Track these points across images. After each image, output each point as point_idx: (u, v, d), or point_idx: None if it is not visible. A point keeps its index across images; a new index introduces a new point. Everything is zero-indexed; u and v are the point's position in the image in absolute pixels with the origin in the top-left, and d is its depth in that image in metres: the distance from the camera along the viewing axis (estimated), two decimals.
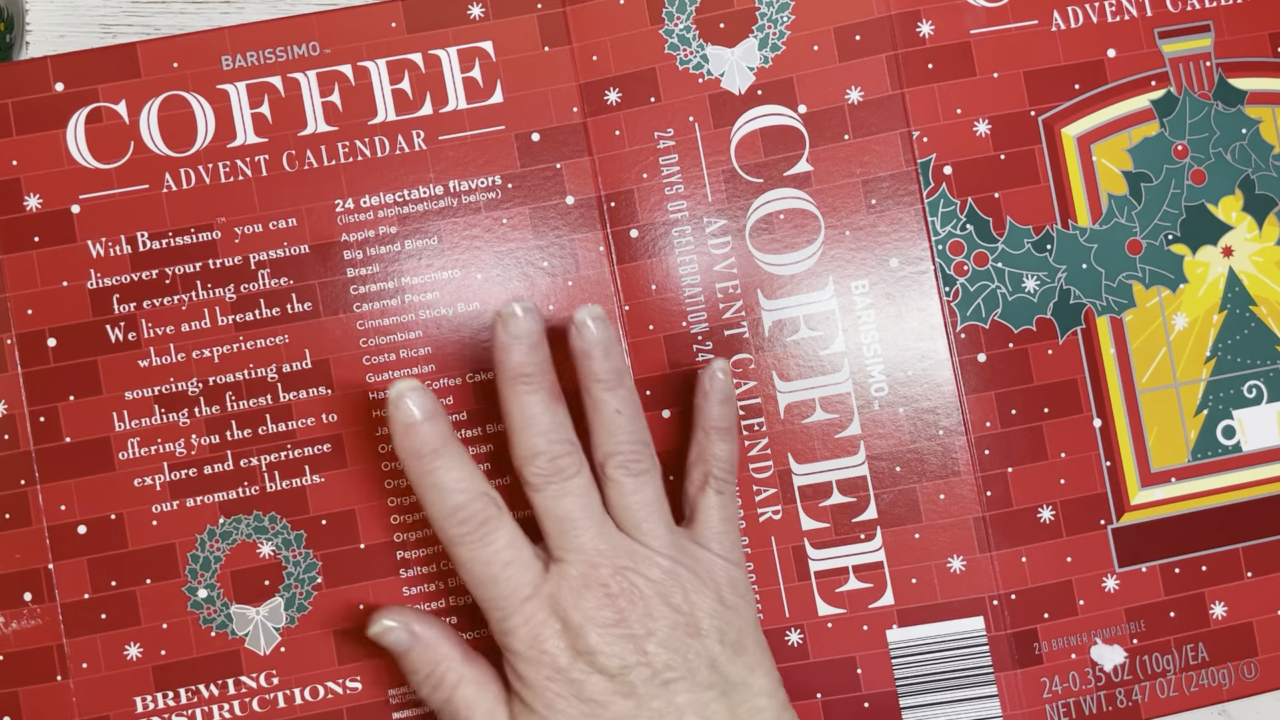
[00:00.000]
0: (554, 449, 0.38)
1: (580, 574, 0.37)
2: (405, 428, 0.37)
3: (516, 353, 0.38)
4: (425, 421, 0.37)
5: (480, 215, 0.43)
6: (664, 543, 0.38)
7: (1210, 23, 0.44)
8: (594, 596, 0.37)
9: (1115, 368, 0.43)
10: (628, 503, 0.38)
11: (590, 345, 0.38)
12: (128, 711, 0.41)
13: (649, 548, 0.38)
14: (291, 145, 0.42)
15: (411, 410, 0.37)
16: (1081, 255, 0.43)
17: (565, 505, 0.38)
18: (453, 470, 0.37)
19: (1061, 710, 0.42)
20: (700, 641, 0.37)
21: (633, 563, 0.38)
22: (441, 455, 0.37)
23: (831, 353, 0.43)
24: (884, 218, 0.43)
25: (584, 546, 0.37)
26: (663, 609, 0.37)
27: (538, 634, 0.37)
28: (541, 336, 0.38)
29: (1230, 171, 0.43)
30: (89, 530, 0.41)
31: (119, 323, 0.42)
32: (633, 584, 0.37)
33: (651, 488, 0.39)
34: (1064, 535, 0.42)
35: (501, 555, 0.37)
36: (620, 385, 0.39)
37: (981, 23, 0.43)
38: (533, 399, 0.38)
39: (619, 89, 0.43)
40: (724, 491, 0.40)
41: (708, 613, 0.38)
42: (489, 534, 0.37)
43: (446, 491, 0.37)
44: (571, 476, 0.38)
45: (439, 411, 0.38)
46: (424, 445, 0.37)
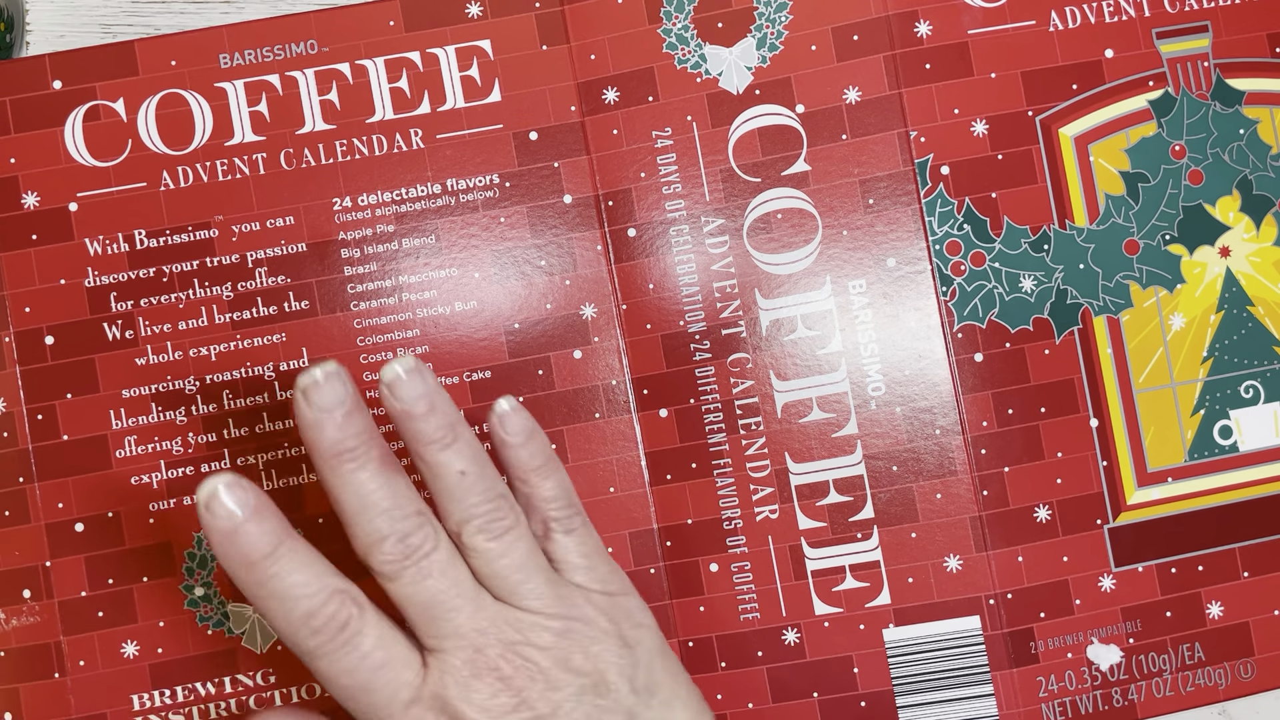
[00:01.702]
0: (400, 527, 0.32)
1: (465, 662, 0.33)
2: (227, 535, 0.31)
3: (329, 429, 0.32)
4: (250, 521, 0.31)
5: (478, 214, 0.43)
6: (548, 601, 0.34)
7: (1208, 23, 0.44)
8: (485, 685, 0.32)
9: (1112, 368, 0.43)
10: (497, 569, 0.34)
11: (409, 403, 0.33)
12: (125, 709, 0.41)
13: (533, 611, 0.34)
14: (289, 144, 0.42)
15: (232, 510, 0.31)
16: (1079, 255, 0.43)
17: (429, 588, 0.33)
18: (295, 571, 0.32)
19: (1058, 709, 0.42)
20: (611, 698, 0.34)
21: (520, 634, 0.33)
22: (279, 558, 0.32)
23: (829, 352, 0.43)
24: (881, 217, 0.43)
25: (461, 630, 0.33)
26: (565, 676, 0.33)
27: None
28: (356, 400, 0.32)
29: (1228, 172, 0.43)
30: (86, 528, 0.41)
31: (116, 321, 0.42)
32: (526, 658, 0.33)
33: (522, 545, 0.34)
34: (1060, 535, 0.42)
35: (371, 659, 0.32)
36: (456, 439, 0.34)
37: (979, 23, 0.43)
38: (362, 475, 0.32)
39: (617, 88, 0.43)
40: (573, 529, 0.36)
41: (612, 663, 0.34)
42: (351, 637, 0.32)
43: (292, 599, 0.32)
44: (428, 553, 0.33)
45: (264, 503, 0.32)
46: (254, 549, 0.31)
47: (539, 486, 0.36)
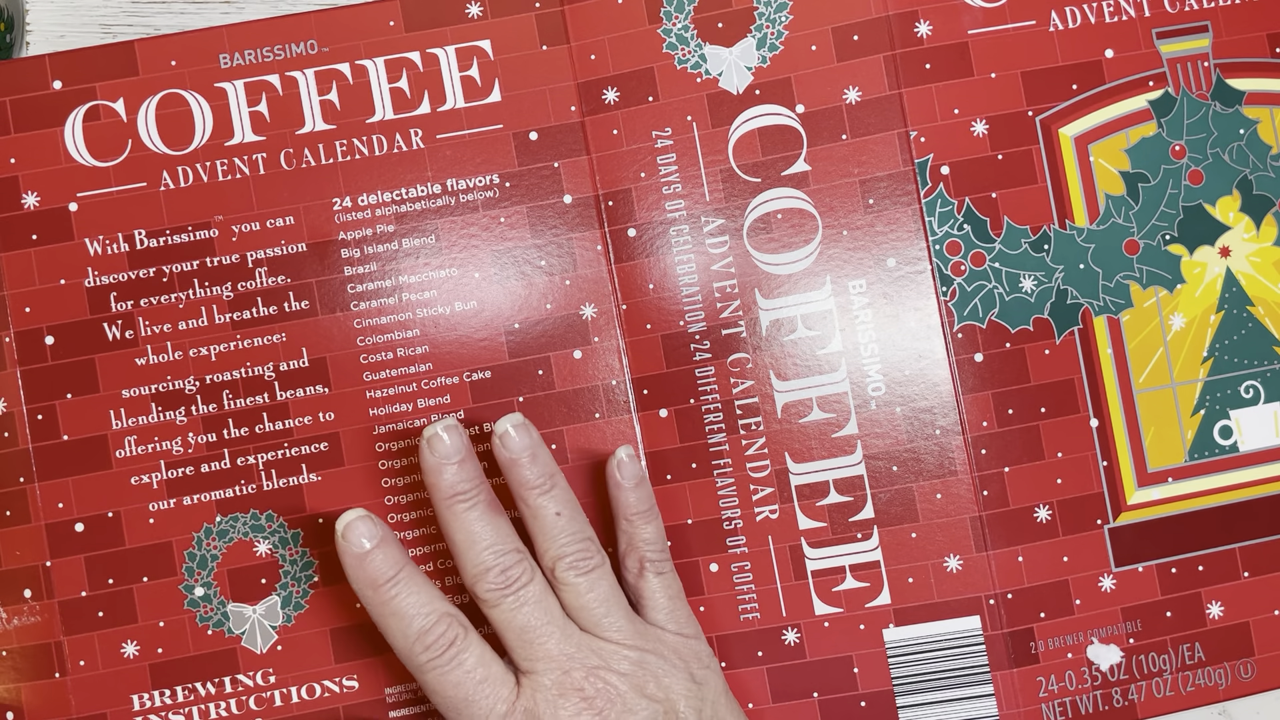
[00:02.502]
0: (503, 561, 0.38)
1: (554, 682, 0.37)
2: (358, 559, 0.37)
3: (448, 474, 0.38)
4: (377, 549, 0.37)
5: (478, 214, 0.43)
6: (627, 634, 0.38)
7: (1208, 23, 0.44)
8: (571, 704, 0.37)
9: (1112, 368, 0.43)
10: (584, 602, 0.38)
11: (517, 454, 0.39)
12: (125, 709, 0.41)
13: (614, 642, 0.38)
14: (289, 144, 0.42)
15: (361, 541, 0.37)
16: (1079, 255, 0.43)
17: (524, 615, 0.38)
18: (412, 594, 0.37)
19: (1058, 709, 0.42)
20: None
21: (602, 660, 0.38)
22: (399, 582, 0.37)
23: (829, 352, 0.43)
24: (881, 217, 0.43)
25: (551, 654, 0.37)
26: (640, 701, 0.37)
27: None
28: (469, 451, 0.38)
29: (1228, 172, 0.43)
30: (86, 528, 0.41)
31: (116, 321, 0.42)
32: (606, 682, 0.37)
33: (605, 582, 0.39)
34: (1060, 535, 0.42)
35: (473, 675, 0.37)
36: (554, 486, 0.39)
37: (979, 23, 0.43)
38: (472, 514, 0.38)
39: (617, 88, 0.43)
40: (663, 571, 0.40)
41: (682, 694, 0.38)
42: (457, 654, 0.37)
43: (409, 618, 0.37)
44: (525, 585, 0.38)
45: (389, 535, 0.38)
46: (379, 574, 0.37)
47: (641, 529, 0.40)
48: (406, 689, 0.42)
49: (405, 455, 0.42)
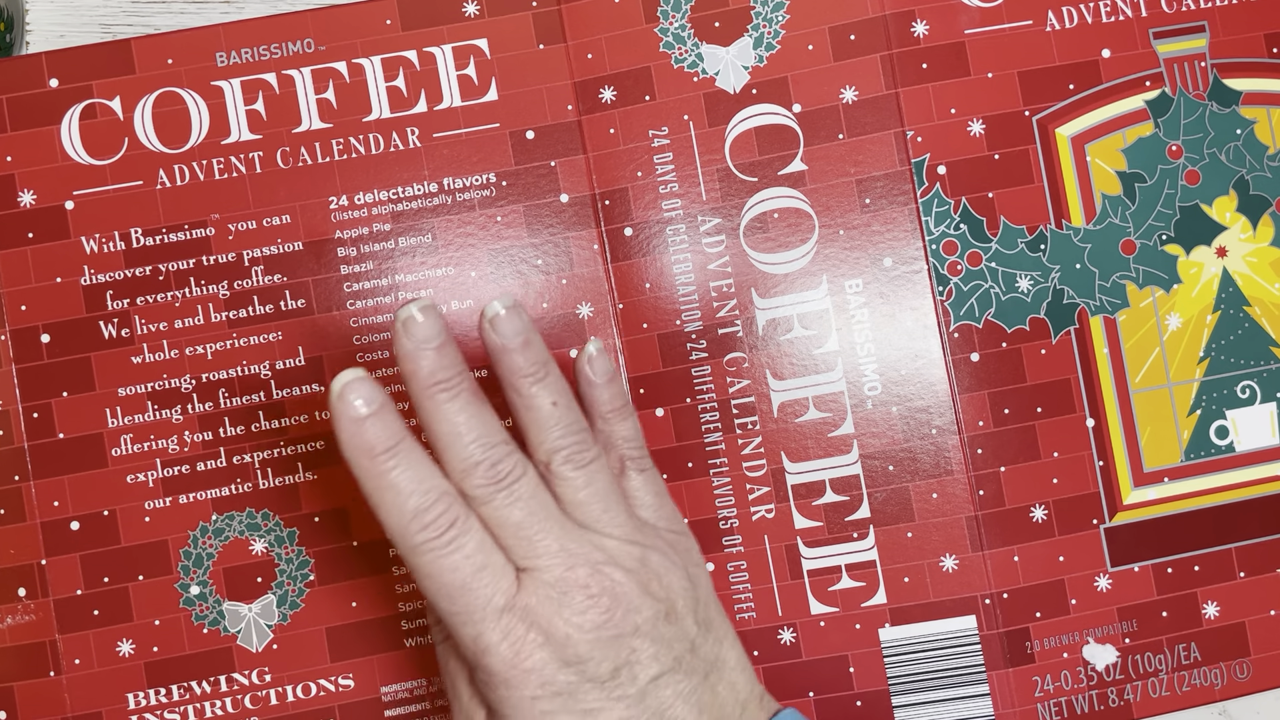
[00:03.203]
0: (492, 454, 0.34)
1: (556, 579, 0.34)
2: (354, 424, 0.33)
3: (426, 360, 0.34)
4: (375, 415, 0.33)
5: (474, 213, 0.43)
6: (628, 530, 0.36)
7: (1205, 23, 0.44)
8: (575, 601, 0.34)
9: (1109, 367, 0.43)
10: (582, 497, 0.36)
11: (508, 339, 0.35)
12: (120, 708, 0.41)
13: (615, 538, 0.36)
14: (285, 142, 0.42)
15: (357, 404, 0.33)
16: (1075, 255, 0.43)
17: (519, 511, 0.34)
18: (411, 468, 0.33)
19: (1053, 709, 0.42)
20: (678, 625, 0.35)
21: (607, 556, 0.35)
22: (398, 453, 0.33)
23: (825, 351, 0.43)
24: (878, 217, 0.43)
25: (552, 549, 0.34)
26: (643, 599, 0.35)
27: (519, 650, 0.34)
28: (448, 335, 0.34)
29: (1225, 172, 0.43)
30: (82, 526, 0.41)
31: (112, 319, 0.42)
32: (612, 580, 0.35)
33: (603, 476, 0.36)
34: (1056, 534, 0.42)
35: (472, 560, 0.34)
36: (548, 374, 0.36)
37: (976, 23, 0.43)
38: (455, 405, 0.34)
39: (614, 87, 0.43)
40: (645, 468, 0.38)
41: (680, 593, 0.36)
42: (456, 537, 0.34)
43: (405, 494, 0.33)
44: (517, 479, 0.35)
45: (388, 403, 0.34)
46: (377, 442, 0.33)
47: (618, 426, 0.38)
48: (402, 688, 0.42)
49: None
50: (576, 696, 0.34)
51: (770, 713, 0.36)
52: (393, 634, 0.42)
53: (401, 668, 0.42)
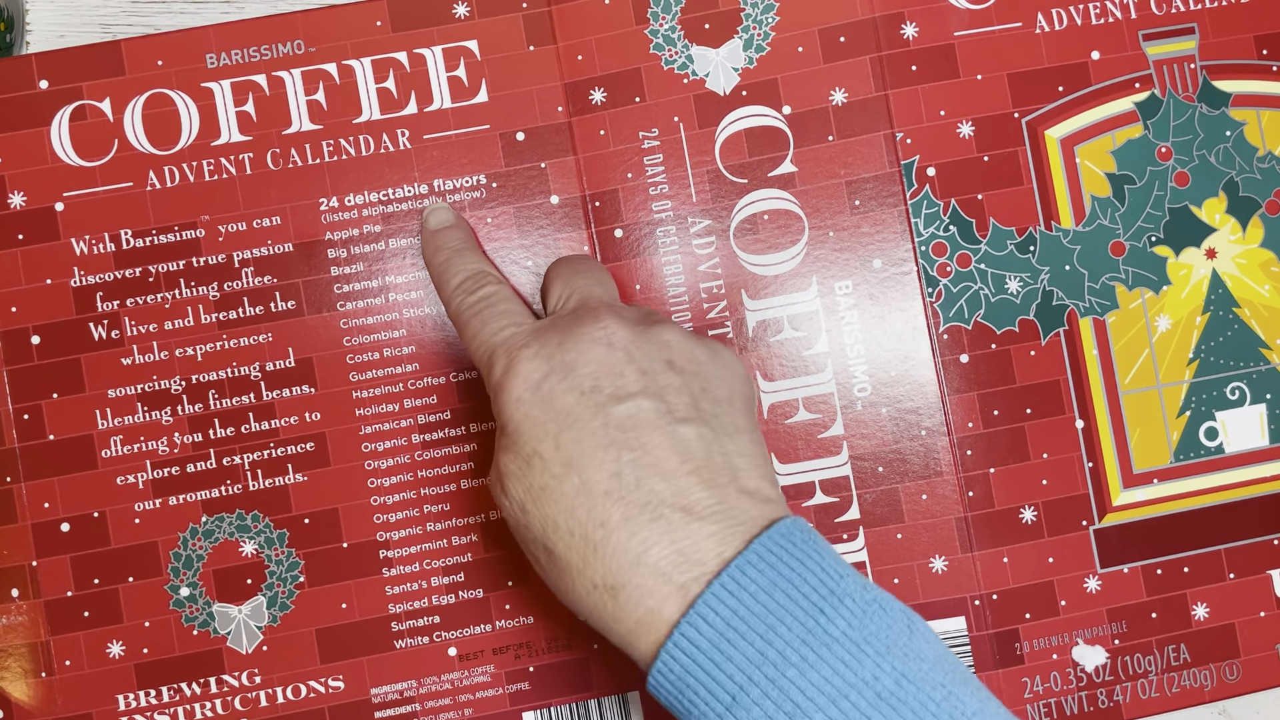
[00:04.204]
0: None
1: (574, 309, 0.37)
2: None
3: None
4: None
5: (465, 214, 0.43)
6: None
7: (1195, 25, 0.44)
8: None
9: (1098, 369, 0.43)
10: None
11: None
12: (110, 709, 0.41)
13: None
14: (275, 144, 0.42)
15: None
16: (1064, 257, 0.43)
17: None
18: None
19: (1043, 710, 0.42)
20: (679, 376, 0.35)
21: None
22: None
23: (815, 353, 0.43)
24: (867, 219, 0.43)
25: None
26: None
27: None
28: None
29: (1214, 174, 0.44)
30: (72, 528, 0.41)
31: (102, 320, 0.42)
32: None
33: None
34: (1046, 536, 0.42)
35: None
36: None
37: (965, 25, 0.43)
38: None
39: (604, 89, 0.43)
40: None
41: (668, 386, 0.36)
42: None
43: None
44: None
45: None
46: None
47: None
48: (392, 689, 0.42)
49: (391, 455, 0.42)
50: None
51: (770, 519, 0.33)
52: (383, 635, 0.42)
53: (392, 669, 0.42)
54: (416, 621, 0.42)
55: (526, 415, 0.34)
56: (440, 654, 0.42)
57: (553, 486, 0.33)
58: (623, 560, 0.32)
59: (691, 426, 0.34)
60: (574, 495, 0.33)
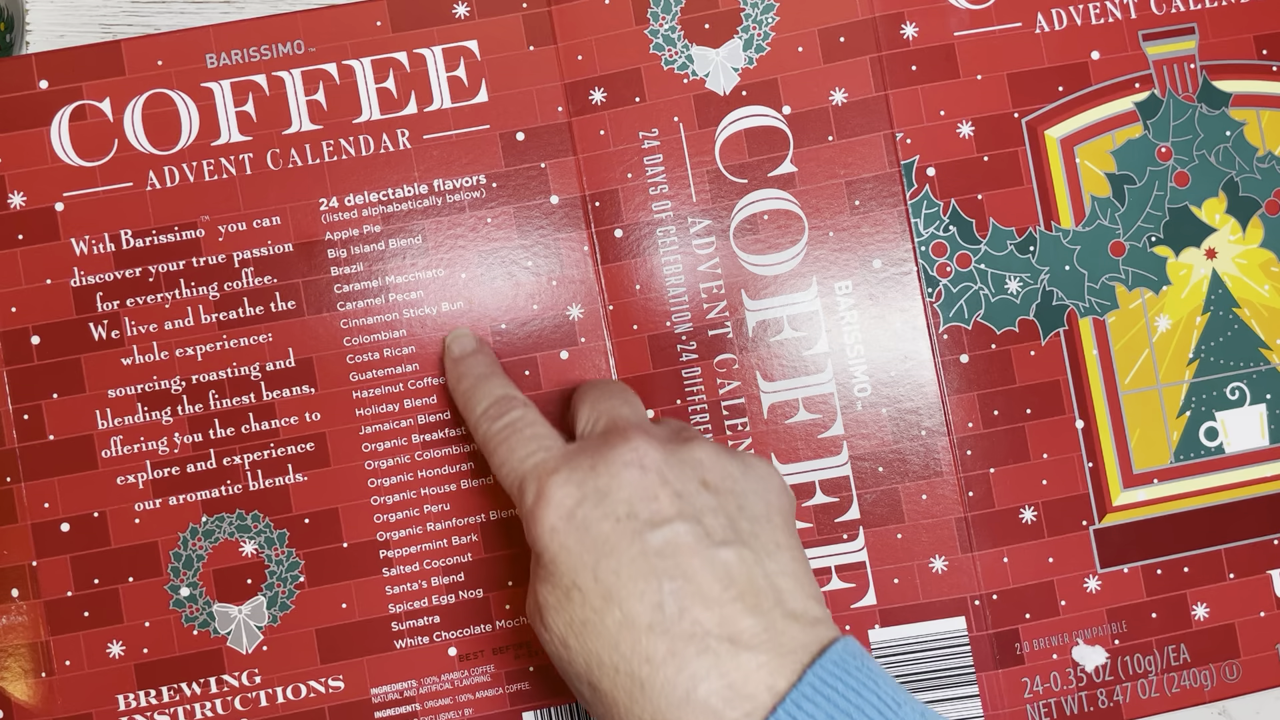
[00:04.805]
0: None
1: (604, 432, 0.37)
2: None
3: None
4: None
5: (465, 214, 0.43)
6: None
7: (1194, 25, 0.44)
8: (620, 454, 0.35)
9: (1098, 369, 0.43)
10: None
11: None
12: (110, 709, 0.41)
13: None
14: (275, 144, 0.42)
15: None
16: (1064, 257, 0.43)
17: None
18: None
19: (1043, 710, 0.42)
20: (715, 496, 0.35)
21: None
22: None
23: (815, 353, 0.43)
24: (867, 219, 0.43)
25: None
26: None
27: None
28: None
29: (1214, 174, 0.44)
30: (72, 528, 0.41)
31: (102, 321, 0.42)
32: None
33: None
34: (1046, 536, 0.42)
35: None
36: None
37: (965, 25, 0.43)
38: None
39: (604, 89, 0.43)
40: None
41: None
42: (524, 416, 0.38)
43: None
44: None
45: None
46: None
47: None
48: (393, 689, 0.42)
49: (392, 455, 0.42)
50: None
51: (820, 643, 0.32)
52: (383, 635, 0.42)
53: (392, 669, 0.42)
54: (416, 621, 0.42)
55: (562, 546, 0.33)
56: (440, 654, 0.42)
57: (594, 621, 0.32)
58: (671, 698, 0.31)
59: (731, 549, 0.33)
60: (617, 630, 0.32)
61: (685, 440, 0.36)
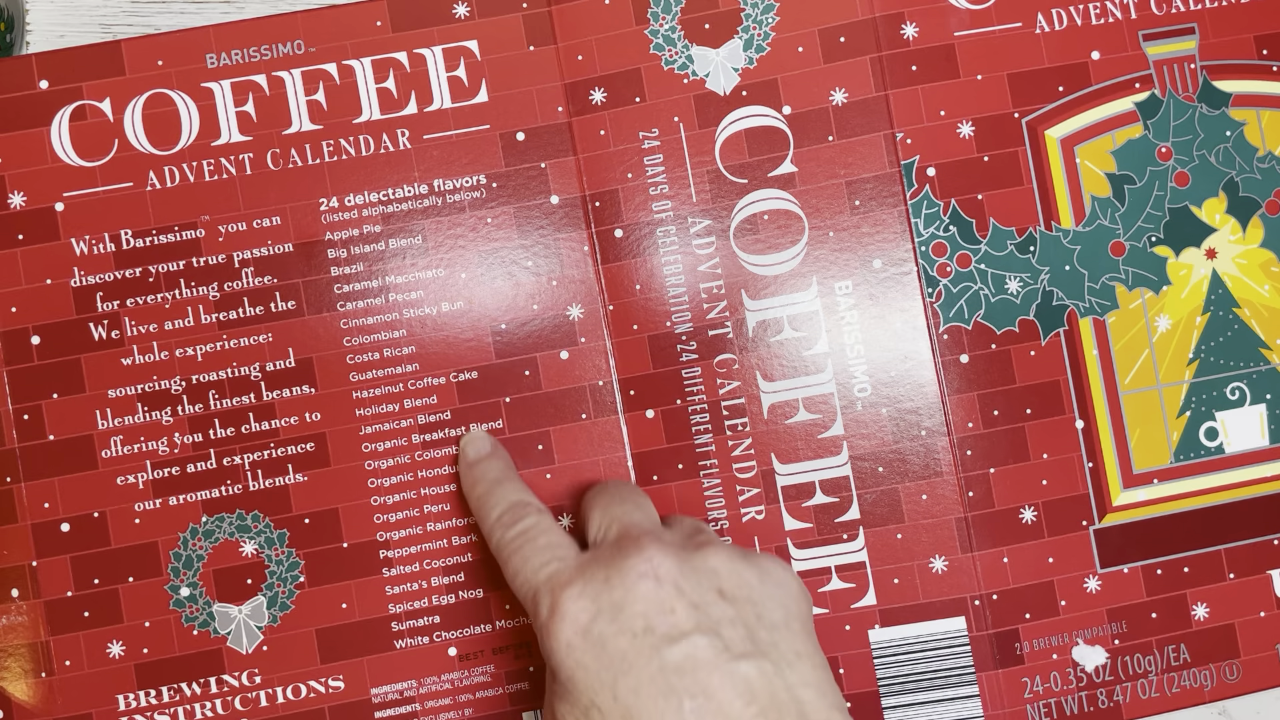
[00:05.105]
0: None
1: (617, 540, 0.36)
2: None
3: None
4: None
5: (465, 214, 0.43)
6: None
7: (1195, 25, 0.44)
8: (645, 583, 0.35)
9: (1098, 369, 0.43)
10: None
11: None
12: (110, 709, 0.41)
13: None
14: (276, 144, 0.42)
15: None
16: (1064, 257, 0.43)
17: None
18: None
19: (1043, 710, 0.42)
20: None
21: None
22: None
23: (815, 353, 0.43)
24: (867, 219, 0.43)
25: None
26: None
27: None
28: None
29: (1214, 174, 0.44)
30: (72, 528, 0.41)
31: (102, 321, 0.42)
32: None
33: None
34: (1046, 536, 0.42)
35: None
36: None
37: (965, 25, 0.43)
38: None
39: (604, 89, 0.43)
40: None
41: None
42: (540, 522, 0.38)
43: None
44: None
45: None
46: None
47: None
48: (393, 689, 0.42)
49: (391, 455, 0.42)
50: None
51: None
52: (383, 635, 0.42)
53: (392, 669, 0.42)
54: (416, 621, 0.42)
55: (579, 664, 0.33)
56: (440, 654, 0.42)
57: None
58: None
59: (751, 662, 0.33)
60: None
61: (699, 546, 0.35)
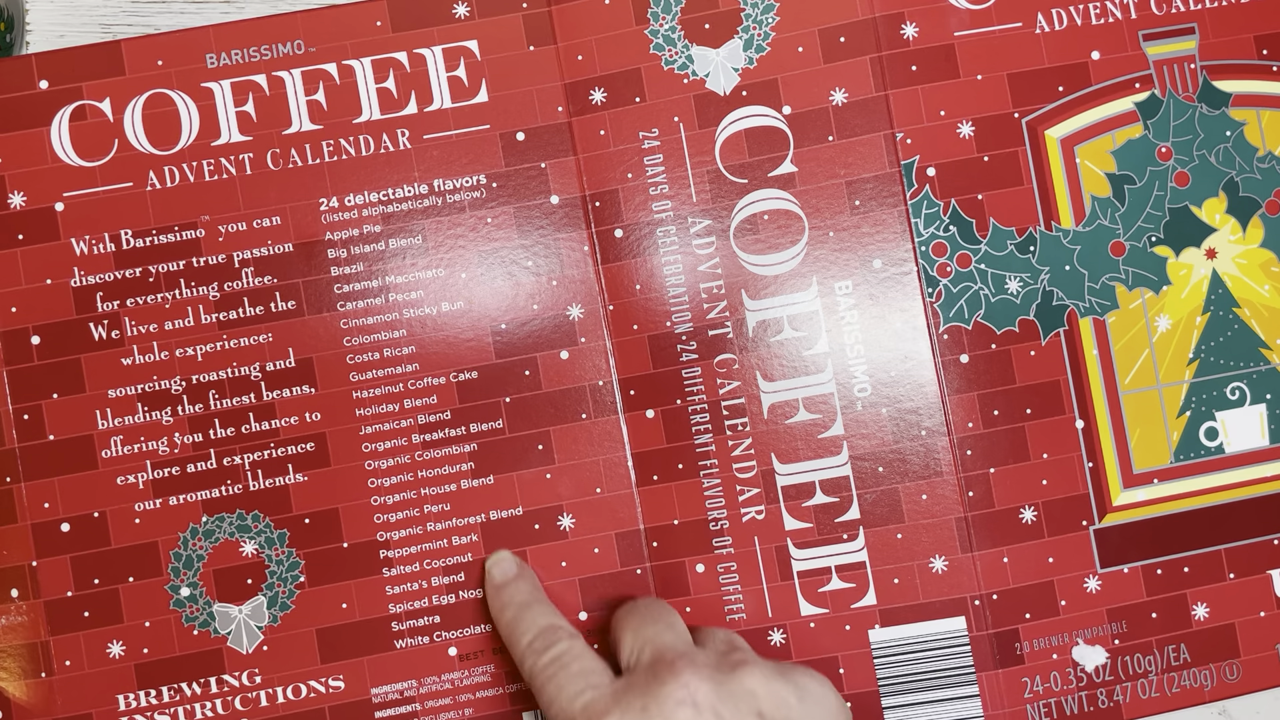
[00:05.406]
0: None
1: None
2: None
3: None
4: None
5: (465, 214, 0.43)
6: None
7: (1195, 25, 0.44)
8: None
9: (1098, 369, 0.43)
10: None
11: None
12: (110, 709, 0.41)
13: None
14: (276, 144, 0.42)
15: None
16: (1064, 257, 0.43)
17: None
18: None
19: (1043, 710, 0.42)
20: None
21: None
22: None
23: (815, 353, 0.43)
24: (867, 219, 0.43)
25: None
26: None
27: None
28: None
29: (1214, 174, 0.44)
30: (72, 528, 0.41)
31: (102, 321, 0.42)
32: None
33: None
34: (1046, 536, 0.42)
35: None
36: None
37: (965, 25, 0.43)
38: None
39: (604, 89, 0.43)
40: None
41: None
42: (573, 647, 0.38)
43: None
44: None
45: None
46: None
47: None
48: (393, 689, 0.42)
49: (392, 455, 0.42)
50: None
51: None
52: (383, 635, 0.42)
53: (392, 669, 0.42)
54: (416, 621, 0.42)
55: None
56: (440, 654, 0.42)
57: None
58: None
59: None
60: None
61: (734, 666, 0.35)
